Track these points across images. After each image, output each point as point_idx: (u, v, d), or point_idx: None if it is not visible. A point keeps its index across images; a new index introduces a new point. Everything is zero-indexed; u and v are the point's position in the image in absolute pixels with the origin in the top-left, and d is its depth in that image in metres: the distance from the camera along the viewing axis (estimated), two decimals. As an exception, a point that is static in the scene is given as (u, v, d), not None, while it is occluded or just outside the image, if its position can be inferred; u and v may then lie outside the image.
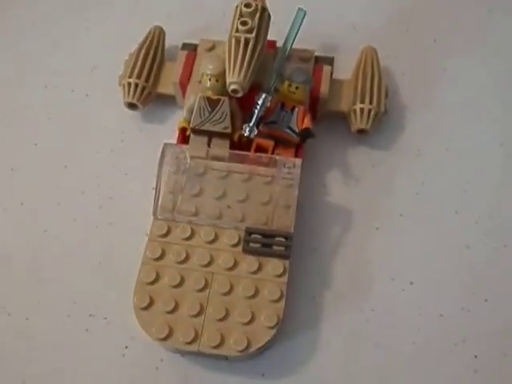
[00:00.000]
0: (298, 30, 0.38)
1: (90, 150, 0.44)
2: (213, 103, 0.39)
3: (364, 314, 0.37)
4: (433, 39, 0.48)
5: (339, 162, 0.43)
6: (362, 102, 0.42)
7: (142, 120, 0.45)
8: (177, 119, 0.42)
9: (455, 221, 0.40)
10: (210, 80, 0.39)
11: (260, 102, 0.38)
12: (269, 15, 0.39)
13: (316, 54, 0.44)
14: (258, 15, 0.38)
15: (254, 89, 0.38)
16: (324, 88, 0.42)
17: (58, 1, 0.52)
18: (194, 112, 0.39)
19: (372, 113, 0.41)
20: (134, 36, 0.46)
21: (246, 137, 0.38)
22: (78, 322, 0.37)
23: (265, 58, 0.40)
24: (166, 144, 0.38)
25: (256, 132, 0.38)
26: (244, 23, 0.37)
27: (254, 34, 0.37)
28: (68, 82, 0.48)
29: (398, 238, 0.40)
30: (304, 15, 0.37)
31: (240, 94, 0.37)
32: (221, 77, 0.38)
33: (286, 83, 0.39)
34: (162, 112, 0.45)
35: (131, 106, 0.44)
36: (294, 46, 0.40)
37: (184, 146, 0.39)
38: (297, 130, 0.39)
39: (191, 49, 0.44)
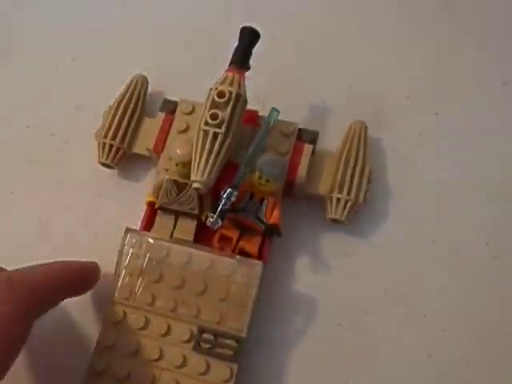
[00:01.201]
0: (269, 128, 0.35)
1: (64, 204, 0.44)
2: (180, 186, 0.38)
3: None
4: (434, 112, 0.44)
5: (311, 248, 0.41)
6: (340, 191, 0.39)
7: (118, 176, 0.44)
8: (153, 176, 0.42)
9: (421, 326, 0.38)
10: (176, 165, 0.37)
11: (225, 196, 0.36)
12: (245, 100, 0.37)
13: (300, 126, 0.41)
14: (230, 105, 0.35)
15: (227, 166, 0.37)
16: (301, 171, 0.39)
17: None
18: (161, 192, 0.38)
19: (349, 204, 0.39)
20: (118, 80, 0.45)
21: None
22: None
23: (242, 135, 0.39)
24: (127, 229, 0.37)
25: (220, 224, 0.37)
26: (214, 117, 0.35)
27: (223, 129, 0.35)
28: (48, 125, 0.46)
29: (359, 338, 0.38)
30: (277, 115, 0.34)
31: (203, 192, 0.36)
32: (188, 164, 0.36)
33: (257, 174, 0.37)
34: (139, 169, 0.44)
35: (105, 165, 0.43)
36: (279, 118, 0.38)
37: (146, 233, 0.38)
38: (265, 220, 0.38)
39: (170, 109, 0.42)
